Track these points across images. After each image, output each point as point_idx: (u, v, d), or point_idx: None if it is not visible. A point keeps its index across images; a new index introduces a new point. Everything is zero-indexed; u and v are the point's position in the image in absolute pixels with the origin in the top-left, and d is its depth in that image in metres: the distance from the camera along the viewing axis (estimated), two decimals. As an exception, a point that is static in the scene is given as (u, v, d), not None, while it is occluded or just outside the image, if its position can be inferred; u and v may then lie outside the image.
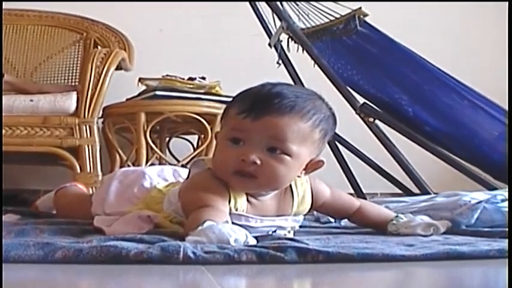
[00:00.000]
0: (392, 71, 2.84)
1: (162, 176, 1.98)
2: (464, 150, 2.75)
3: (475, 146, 2.72)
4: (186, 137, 3.80)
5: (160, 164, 3.39)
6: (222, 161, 1.63)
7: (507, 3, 3.91)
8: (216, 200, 1.59)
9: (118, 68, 3.30)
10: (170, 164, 3.16)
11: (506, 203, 1.97)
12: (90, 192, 2.70)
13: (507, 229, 1.69)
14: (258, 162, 1.58)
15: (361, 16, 2.80)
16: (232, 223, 1.50)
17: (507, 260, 1.33)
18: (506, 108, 2.71)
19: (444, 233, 1.81)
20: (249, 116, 1.59)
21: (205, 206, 1.55)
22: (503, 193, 2.08)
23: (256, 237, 1.44)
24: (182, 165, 3.02)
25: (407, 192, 2.85)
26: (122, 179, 2.01)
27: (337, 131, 2.87)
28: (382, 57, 2.86)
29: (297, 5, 2.94)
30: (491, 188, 2.56)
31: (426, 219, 1.88)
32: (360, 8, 2.81)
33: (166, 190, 1.84)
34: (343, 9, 2.87)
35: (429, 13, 4.23)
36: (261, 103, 1.60)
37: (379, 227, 1.90)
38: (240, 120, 1.60)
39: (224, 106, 3.33)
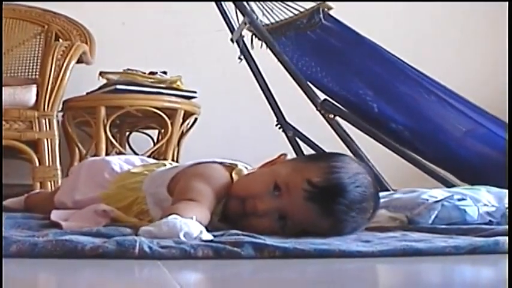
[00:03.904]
0: (357, 65, 2.84)
1: (130, 163, 1.97)
2: (430, 147, 2.76)
3: (440, 141, 2.72)
4: (146, 131, 3.79)
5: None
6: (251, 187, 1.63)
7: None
8: (209, 197, 1.58)
9: (79, 61, 3.28)
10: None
11: (463, 202, 1.99)
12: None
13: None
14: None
15: (326, 9, 2.80)
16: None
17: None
18: (477, 105, 2.72)
19: (402, 229, 1.83)
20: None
21: (192, 200, 1.54)
22: (461, 191, 2.10)
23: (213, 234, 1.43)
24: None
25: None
26: (90, 166, 2.02)
27: (297, 127, 2.92)
28: (346, 51, 2.85)
29: (262, -1, 2.93)
30: (450, 185, 2.58)
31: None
32: (325, 1, 2.81)
33: (149, 170, 1.84)
34: (309, 5, 2.87)
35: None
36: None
37: None
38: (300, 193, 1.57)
39: (184, 101, 3.35)
